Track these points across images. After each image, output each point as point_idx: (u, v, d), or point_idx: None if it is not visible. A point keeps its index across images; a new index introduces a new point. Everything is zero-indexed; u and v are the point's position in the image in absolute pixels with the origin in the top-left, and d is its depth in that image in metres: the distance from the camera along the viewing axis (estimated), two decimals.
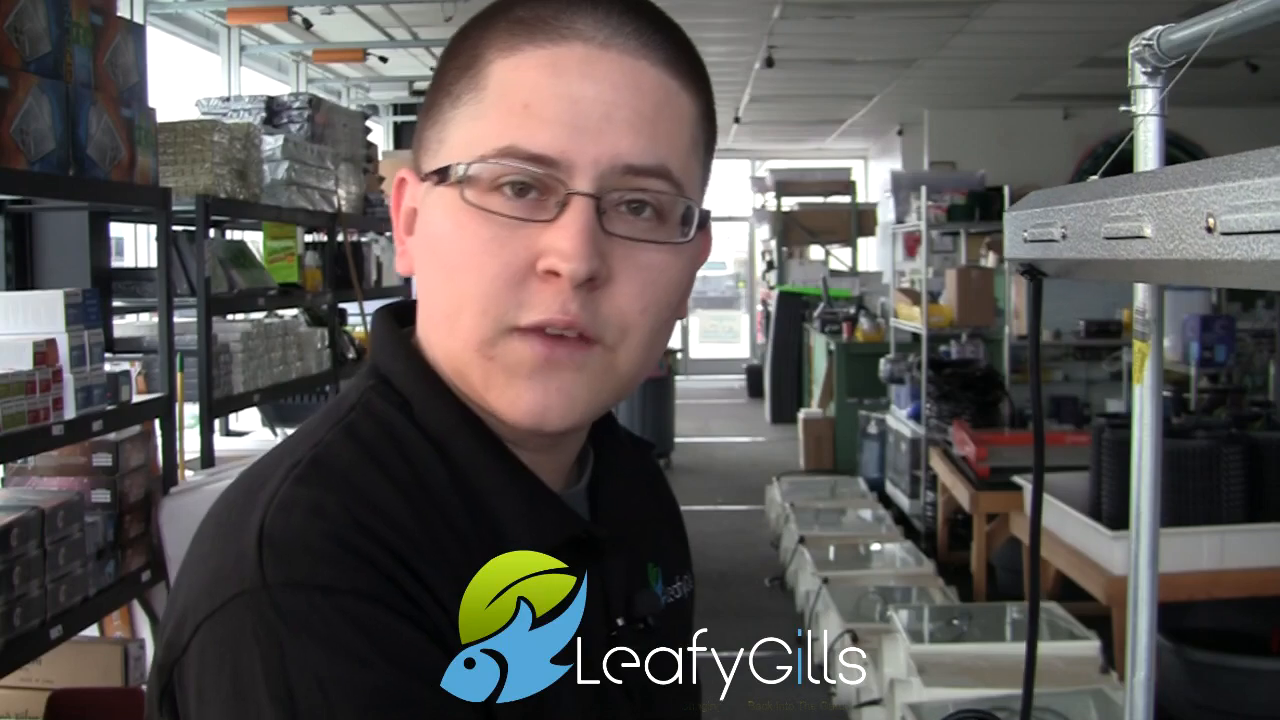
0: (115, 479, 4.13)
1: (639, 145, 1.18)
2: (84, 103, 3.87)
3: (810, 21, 11.71)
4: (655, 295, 1.21)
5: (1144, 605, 2.12)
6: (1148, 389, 2.10)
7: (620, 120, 1.17)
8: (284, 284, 6.29)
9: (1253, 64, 13.04)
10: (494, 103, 1.18)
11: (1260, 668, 5.58)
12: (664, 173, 1.20)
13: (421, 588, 1.11)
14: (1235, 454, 5.70)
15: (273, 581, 1.06)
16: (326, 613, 1.05)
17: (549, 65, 1.17)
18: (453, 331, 1.20)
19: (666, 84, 1.22)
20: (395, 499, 1.15)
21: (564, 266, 1.14)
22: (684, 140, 1.24)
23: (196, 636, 1.09)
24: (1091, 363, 10.55)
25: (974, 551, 8.12)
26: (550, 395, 1.18)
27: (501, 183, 1.17)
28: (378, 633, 1.06)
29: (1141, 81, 2.01)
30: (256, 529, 1.10)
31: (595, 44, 1.18)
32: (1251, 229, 1.14)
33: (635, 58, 1.19)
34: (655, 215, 1.20)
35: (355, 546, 1.09)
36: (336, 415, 1.24)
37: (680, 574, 1.45)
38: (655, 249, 1.20)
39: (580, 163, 1.15)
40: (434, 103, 1.25)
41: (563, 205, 1.16)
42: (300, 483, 1.14)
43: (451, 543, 1.17)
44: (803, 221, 19.07)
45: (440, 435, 1.23)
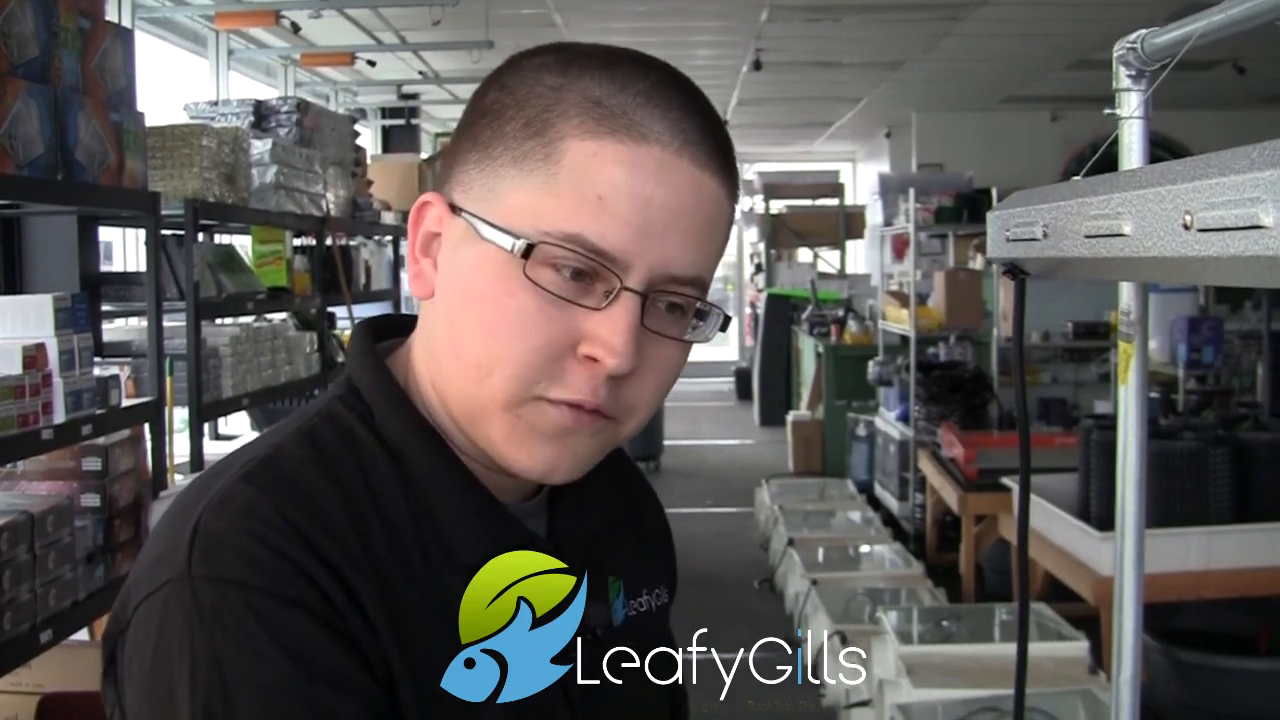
0: (105, 483, 4.12)
1: (688, 257, 1.23)
2: (72, 107, 3.87)
3: (798, 24, 11.72)
4: (665, 382, 1.28)
5: (1129, 604, 2.13)
6: (1133, 389, 2.11)
7: (679, 230, 1.21)
8: (272, 288, 6.29)
9: (1240, 66, 13.06)
10: (567, 184, 1.20)
11: (1247, 668, 5.60)
12: (700, 283, 1.26)
13: (343, 592, 1.16)
14: (1223, 455, 5.72)
15: (196, 573, 1.14)
16: (236, 607, 1.12)
17: (628, 162, 1.20)
18: (481, 384, 1.23)
19: (719, 195, 1.26)
20: (335, 504, 1.20)
21: (609, 361, 1.19)
22: (721, 245, 1.29)
23: (135, 614, 1.17)
24: (1080, 364, 10.56)
25: (962, 553, 8.14)
26: (564, 455, 1.24)
27: (559, 264, 1.19)
28: (283, 631, 1.12)
29: (1126, 84, 2.02)
30: (194, 521, 1.17)
31: (671, 150, 1.21)
32: (1226, 225, 1.16)
33: (700, 169, 1.23)
34: (681, 313, 1.27)
35: (278, 548, 1.14)
36: (303, 419, 1.30)
37: (650, 588, 1.48)
38: (674, 344, 1.26)
39: (638, 264, 1.20)
40: (486, 141, 1.25)
41: (613, 296, 1.20)
42: (244, 480, 1.20)
43: (387, 552, 1.21)
44: (791, 224, 19.06)
45: (397, 445, 1.28)
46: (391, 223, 8.63)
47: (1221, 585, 5.67)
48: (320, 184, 6.86)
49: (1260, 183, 1.12)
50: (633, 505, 1.56)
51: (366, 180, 8.28)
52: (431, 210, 1.30)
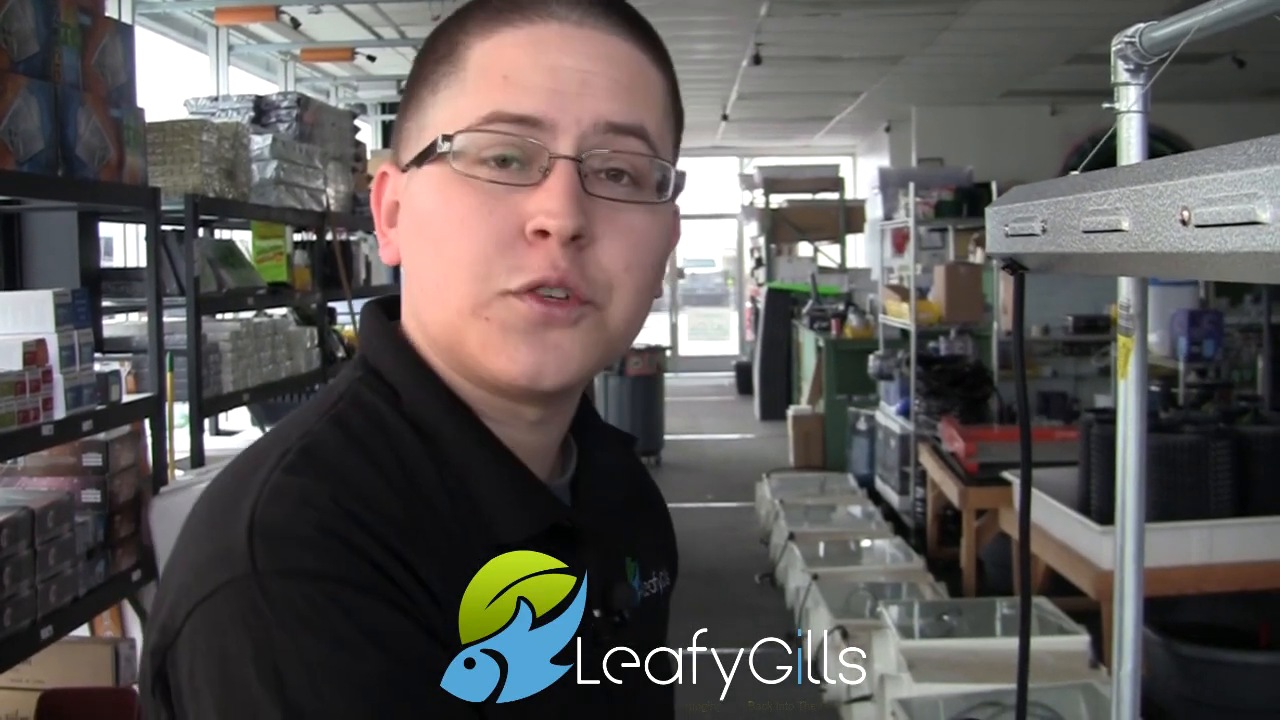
0: (105, 479, 4.13)
1: (618, 105, 1.22)
2: (72, 103, 3.87)
3: (797, 19, 11.72)
4: (638, 255, 1.24)
5: (1130, 597, 2.13)
6: (1132, 383, 2.11)
7: (598, 86, 1.22)
8: (273, 283, 6.29)
9: (1239, 59, 13.07)
10: (474, 79, 1.22)
11: (1248, 661, 5.60)
12: (641, 133, 1.24)
13: (409, 575, 1.12)
14: (1223, 449, 5.72)
15: (263, 569, 1.07)
16: (315, 600, 1.06)
17: (527, 42, 1.22)
18: (444, 300, 1.22)
19: (638, 57, 1.27)
20: (382, 488, 1.17)
21: (551, 224, 1.17)
22: (658, 108, 1.28)
23: (189, 622, 1.10)
24: (1080, 358, 10.56)
25: (963, 547, 8.14)
26: (547, 351, 1.21)
27: (486, 155, 1.20)
28: (366, 619, 1.07)
29: (1124, 78, 2.02)
30: (247, 516, 1.11)
31: (570, 22, 1.23)
32: (1224, 221, 1.16)
33: (608, 34, 1.24)
34: (632, 181, 1.24)
35: (343, 535, 1.10)
36: (325, 405, 1.26)
37: (658, 569, 1.47)
38: (634, 209, 1.24)
39: (562, 123, 1.20)
40: (413, 95, 1.29)
41: (546, 170, 1.19)
42: (290, 471, 1.15)
43: (437, 531, 1.18)
44: (791, 218, 19.07)
45: (427, 424, 1.25)
46: None
47: (1222, 579, 5.67)
48: (320, 179, 6.86)
49: (1257, 179, 1.12)
50: (640, 484, 1.55)
51: (366, 175, 8.26)
52: (388, 181, 1.32)
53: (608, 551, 1.33)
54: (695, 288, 25.44)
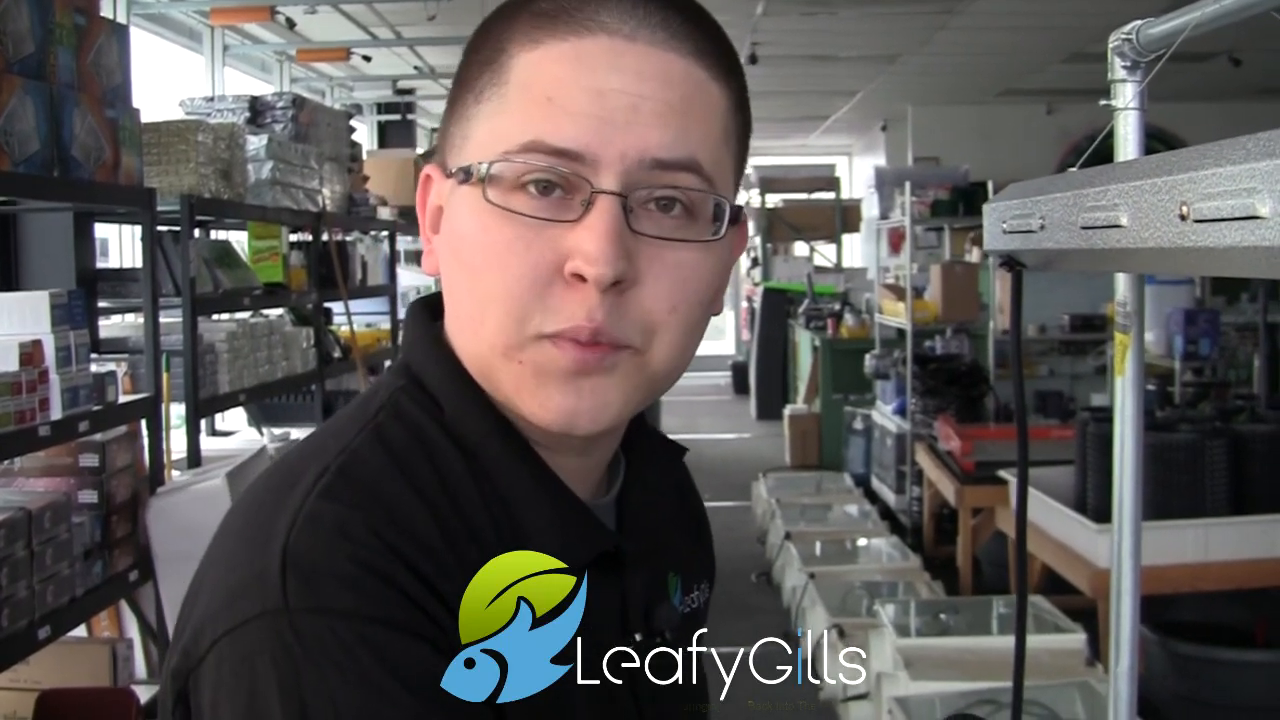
0: (102, 479, 4.13)
1: (667, 138, 1.13)
2: (68, 103, 3.87)
3: (793, 18, 11.73)
4: (685, 295, 1.17)
5: (1126, 596, 2.13)
6: (1129, 381, 2.11)
7: (648, 113, 1.13)
8: (269, 284, 6.29)
9: (1235, 58, 13.07)
10: (516, 96, 1.15)
11: (1245, 660, 5.60)
12: (694, 167, 1.15)
13: (446, 612, 1.08)
14: (1219, 447, 5.72)
15: (295, 605, 1.03)
16: (347, 640, 1.02)
17: (573, 58, 1.14)
18: (478, 334, 1.17)
19: (695, 74, 1.17)
20: (423, 515, 1.12)
21: (589, 271, 1.10)
22: (715, 132, 1.19)
23: (214, 650, 1.06)
24: (1076, 357, 10.55)
25: (960, 546, 8.13)
26: (582, 399, 1.15)
27: (526, 181, 1.13)
28: (399, 661, 1.04)
29: (1121, 75, 2.02)
30: (281, 545, 1.07)
31: (621, 36, 1.14)
32: (1223, 216, 1.16)
33: (663, 49, 1.15)
34: (685, 212, 1.16)
35: (381, 570, 1.06)
36: (365, 416, 1.21)
37: (699, 583, 1.42)
38: (685, 247, 1.16)
39: (606, 158, 1.12)
40: (457, 98, 1.22)
41: (588, 205, 1.12)
42: (326, 496, 1.10)
43: (478, 560, 1.12)
44: (787, 218, 19.10)
45: (470, 441, 1.20)
46: (387, 218, 8.64)
47: (1218, 577, 5.67)
48: (316, 179, 6.86)
49: (1256, 173, 1.12)
50: (686, 496, 1.51)
51: (363, 176, 8.27)
52: (433, 185, 1.26)
53: (651, 570, 1.29)
54: None
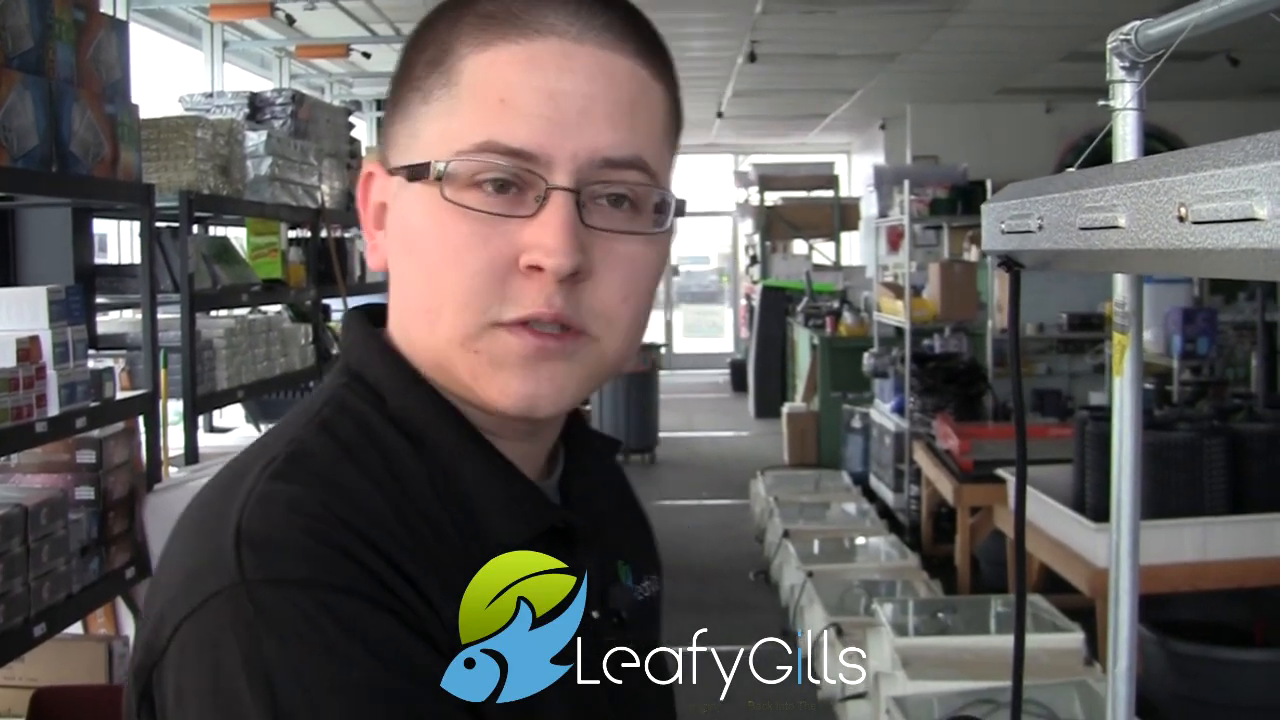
0: (99, 476, 4.12)
1: (617, 138, 1.18)
2: (67, 99, 3.87)
3: (792, 16, 11.72)
4: (636, 285, 1.21)
5: (1125, 595, 2.13)
6: (1127, 381, 2.11)
7: (598, 114, 1.17)
8: (267, 280, 6.29)
9: (1233, 58, 13.07)
10: (468, 98, 1.18)
11: (1243, 659, 5.60)
12: (640, 164, 1.20)
13: (403, 581, 1.09)
14: (1218, 446, 5.72)
15: (251, 578, 1.04)
16: (307, 608, 1.03)
17: (525, 60, 1.17)
18: (433, 328, 1.19)
19: (640, 75, 1.21)
20: (374, 494, 1.14)
21: (548, 262, 1.14)
22: (658, 130, 1.24)
23: (176, 637, 1.07)
24: (1074, 356, 10.56)
25: (958, 545, 8.14)
26: (541, 383, 1.18)
27: (480, 179, 1.16)
28: (359, 627, 1.04)
29: (1119, 76, 2.02)
30: (234, 526, 1.08)
31: (569, 38, 1.18)
32: (1221, 218, 1.16)
33: (610, 51, 1.19)
34: (631, 206, 1.21)
35: (335, 541, 1.07)
36: (310, 413, 1.23)
37: (648, 574, 1.44)
38: (633, 240, 1.20)
39: (559, 157, 1.15)
40: (401, 97, 1.25)
41: (543, 200, 1.15)
42: (277, 478, 1.12)
43: (430, 537, 1.15)
44: (786, 216, 19.11)
45: (416, 428, 1.22)
46: None
47: (1217, 576, 5.67)
48: (315, 176, 6.86)
49: (1254, 175, 1.12)
50: (625, 490, 1.52)
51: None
52: (375, 181, 1.28)
53: (602, 553, 1.31)
54: (690, 285, 25.43)
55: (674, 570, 1.56)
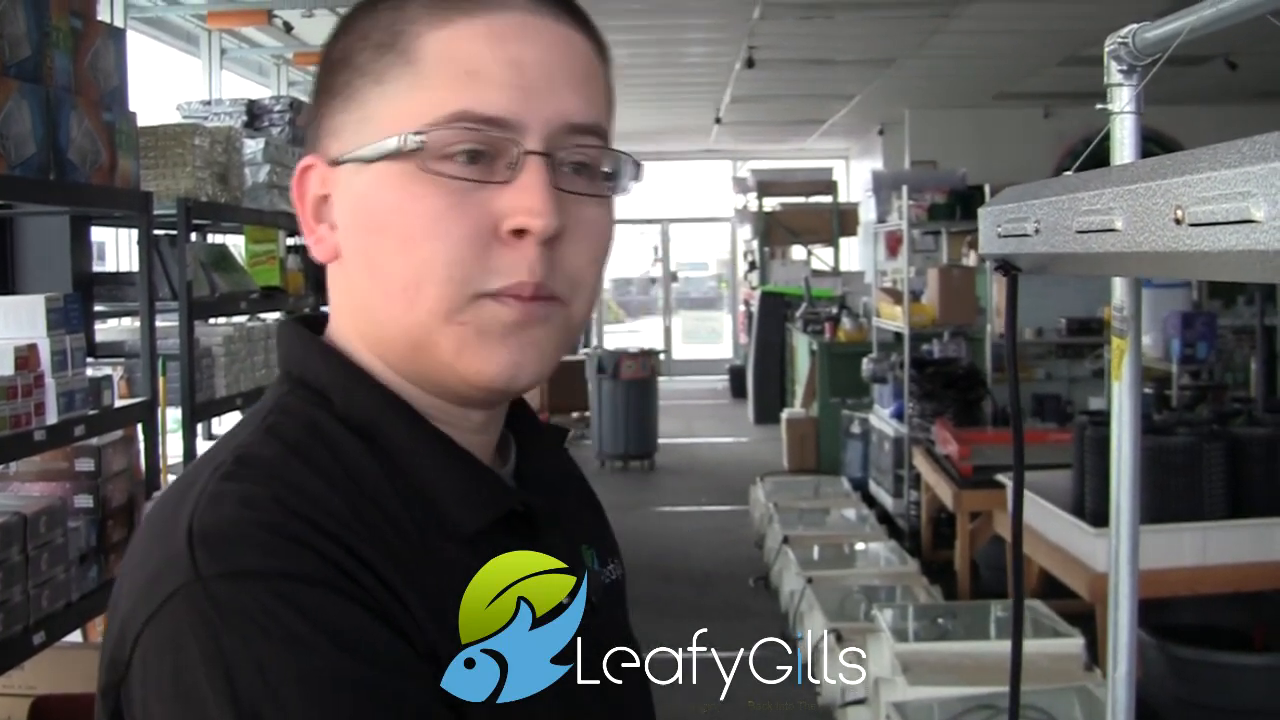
0: (98, 484, 4.12)
1: (580, 104, 1.21)
2: (64, 106, 3.87)
3: (790, 22, 11.72)
4: (600, 248, 1.24)
5: (1124, 600, 2.12)
6: (1126, 385, 2.11)
7: (561, 81, 1.20)
8: (266, 287, 6.28)
9: (1231, 62, 13.08)
10: (435, 72, 1.18)
11: (1243, 663, 5.60)
12: (599, 130, 1.23)
13: (363, 567, 1.08)
14: (1217, 450, 5.71)
15: (206, 574, 1.03)
16: (264, 599, 1.02)
17: (487, 33, 1.18)
18: (414, 304, 1.18)
19: (587, 48, 1.25)
20: (326, 489, 1.13)
21: (535, 223, 1.15)
22: (605, 100, 1.27)
23: (138, 647, 1.06)
24: (1074, 360, 10.57)
25: (957, 550, 8.14)
26: (525, 351, 1.19)
27: (452, 150, 1.16)
28: (318, 615, 1.03)
29: (1117, 79, 2.02)
30: (186, 526, 1.07)
31: (528, 11, 1.20)
32: (1218, 220, 1.15)
33: (560, 23, 1.22)
34: (589, 171, 1.23)
35: (289, 531, 1.06)
36: (256, 421, 1.22)
37: (611, 558, 1.44)
38: (596, 204, 1.23)
39: (532, 123, 1.17)
40: (343, 84, 1.24)
41: (516, 165, 1.17)
42: (227, 479, 1.11)
43: (387, 529, 1.14)
44: (784, 222, 19.10)
45: (365, 424, 1.21)
46: None
47: (1216, 580, 5.67)
48: None
49: (1251, 177, 1.11)
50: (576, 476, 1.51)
51: None
52: (313, 173, 1.26)
53: (566, 538, 1.30)
54: (689, 291, 25.45)
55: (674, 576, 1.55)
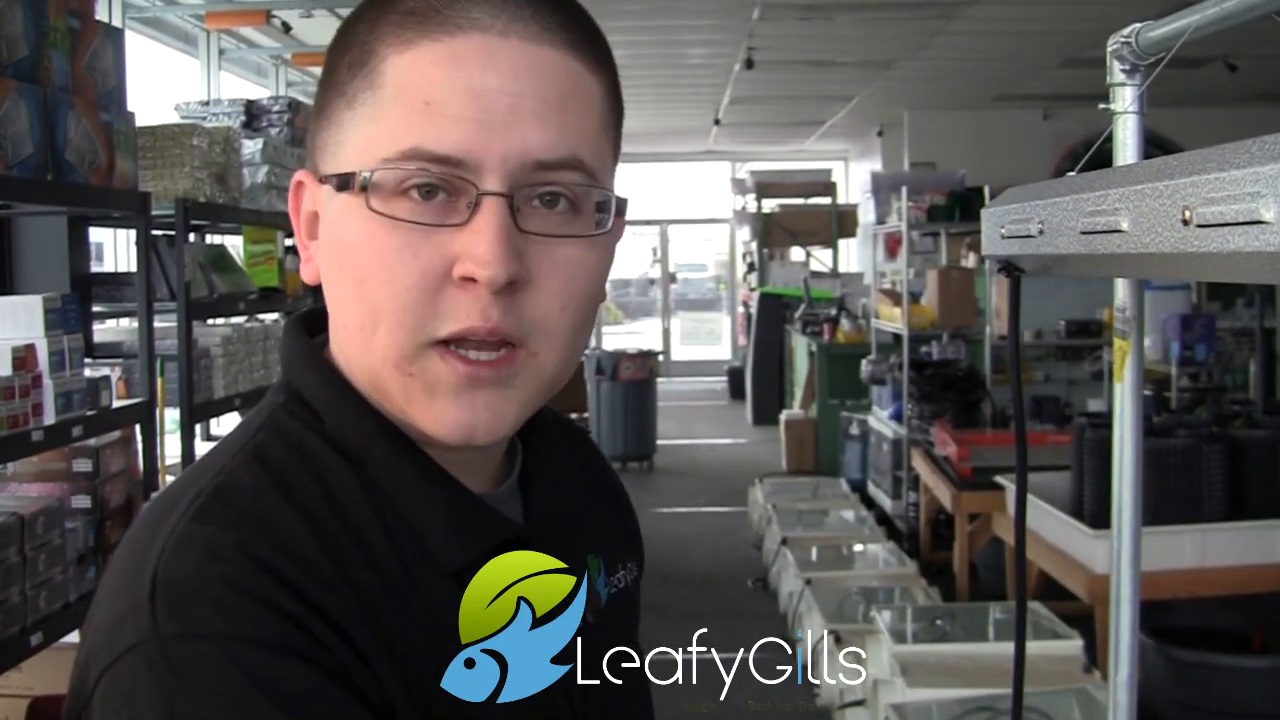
0: (96, 484, 4.11)
1: (548, 139, 1.13)
2: (62, 107, 3.86)
3: (790, 23, 11.71)
4: (575, 290, 1.16)
5: (1126, 604, 2.12)
6: (1128, 387, 2.10)
7: (527, 112, 1.12)
8: (264, 288, 6.27)
9: (1231, 64, 13.08)
10: (392, 101, 1.12)
11: (1243, 665, 5.59)
12: (576, 164, 1.15)
13: (326, 626, 1.06)
14: (1216, 452, 5.71)
15: (164, 632, 1.02)
16: (219, 663, 1.01)
17: (448, 58, 1.12)
18: (368, 346, 1.14)
19: (571, 67, 1.16)
20: (301, 530, 1.10)
21: (482, 273, 1.09)
22: (593, 125, 1.18)
23: (99, 687, 1.04)
24: (1073, 362, 10.58)
25: (956, 551, 8.13)
26: (477, 412, 1.14)
27: (407, 186, 1.11)
28: (273, 682, 1.01)
29: (1120, 79, 2.01)
30: (150, 574, 1.05)
31: (494, 33, 1.12)
32: (1226, 221, 1.14)
33: (537, 44, 1.14)
34: (570, 207, 1.16)
35: (251, 590, 1.04)
36: (244, 437, 1.20)
37: (624, 562, 1.41)
38: (572, 243, 1.15)
39: (489, 161, 1.10)
40: (327, 102, 1.19)
41: (474, 206, 1.10)
42: (197, 519, 1.09)
43: (364, 570, 1.12)
44: (783, 223, 19.09)
45: (354, 447, 1.18)
46: None
47: (1215, 583, 5.66)
48: None
49: (1261, 177, 1.10)
50: (594, 473, 1.48)
51: None
52: (306, 190, 1.23)
53: (565, 554, 1.23)
54: (687, 292, 25.46)
55: (672, 577, 1.53)
